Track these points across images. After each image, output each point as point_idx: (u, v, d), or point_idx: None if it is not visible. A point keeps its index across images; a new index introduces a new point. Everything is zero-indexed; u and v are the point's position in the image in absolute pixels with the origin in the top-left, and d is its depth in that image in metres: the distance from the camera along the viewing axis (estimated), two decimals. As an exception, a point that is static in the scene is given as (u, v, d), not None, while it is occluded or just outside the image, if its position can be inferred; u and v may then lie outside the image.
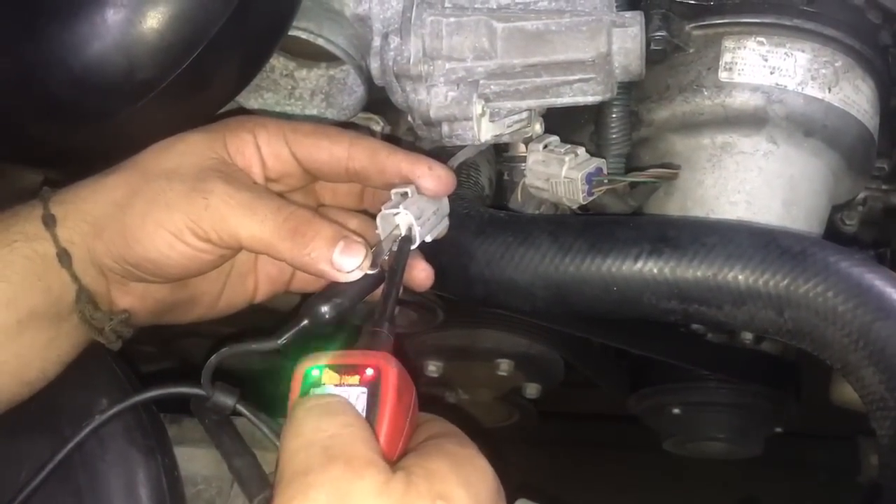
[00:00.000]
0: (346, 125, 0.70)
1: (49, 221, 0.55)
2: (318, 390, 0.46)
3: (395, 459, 0.45)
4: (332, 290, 0.53)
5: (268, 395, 0.55)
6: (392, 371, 0.45)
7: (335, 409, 0.44)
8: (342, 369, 0.46)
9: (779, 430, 1.10)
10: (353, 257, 0.53)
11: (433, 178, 0.56)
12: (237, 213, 0.54)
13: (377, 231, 0.55)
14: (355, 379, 0.45)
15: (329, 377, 0.46)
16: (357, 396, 0.45)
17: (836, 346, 0.54)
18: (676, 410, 1.07)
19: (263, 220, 0.54)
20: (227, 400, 0.54)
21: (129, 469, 0.61)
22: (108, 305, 0.57)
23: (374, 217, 0.56)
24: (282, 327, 0.52)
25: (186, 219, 0.53)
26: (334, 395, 0.45)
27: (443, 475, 0.43)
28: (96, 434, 0.57)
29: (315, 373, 0.46)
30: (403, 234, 0.55)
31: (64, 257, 0.54)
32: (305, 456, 0.43)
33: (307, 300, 0.53)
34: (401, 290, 0.53)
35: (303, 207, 0.56)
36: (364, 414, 0.45)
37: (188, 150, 0.56)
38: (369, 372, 0.45)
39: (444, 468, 0.44)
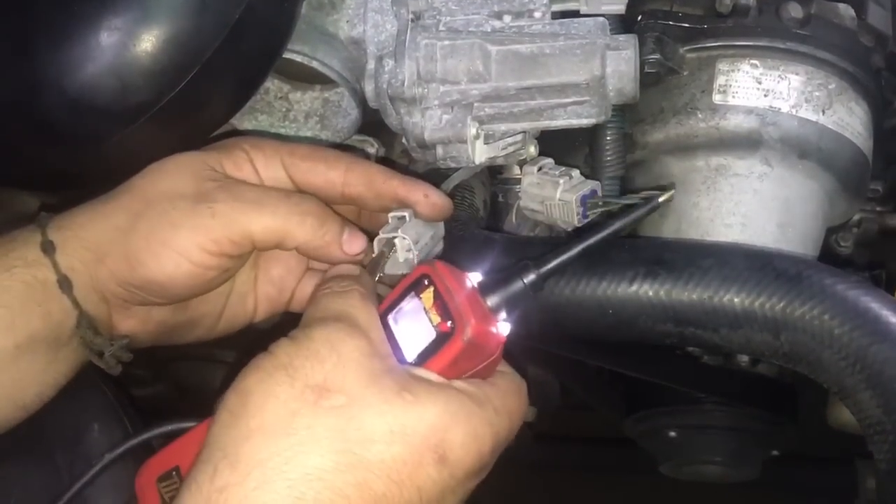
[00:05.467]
0: (341, 147, 0.70)
1: (48, 248, 0.54)
2: (411, 298, 0.48)
3: None
4: None
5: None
6: (461, 342, 0.46)
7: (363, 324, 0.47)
8: (439, 300, 0.47)
9: (776, 453, 1.10)
10: (360, 241, 0.55)
11: (429, 205, 0.57)
12: (245, 211, 0.54)
13: (373, 254, 0.55)
14: (437, 318, 0.47)
15: (427, 297, 0.47)
16: (427, 334, 0.47)
17: (832, 370, 0.54)
18: (672, 433, 1.06)
19: (274, 211, 0.54)
20: None
21: (121, 494, 0.60)
22: (109, 330, 0.57)
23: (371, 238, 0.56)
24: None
25: (194, 235, 0.53)
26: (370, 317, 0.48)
27: (427, 417, 0.45)
28: (87, 459, 0.57)
29: (426, 282, 0.47)
30: (402, 259, 0.55)
31: (65, 284, 0.54)
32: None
33: None
34: (580, 248, 0.52)
35: (307, 194, 0.57)
36: (418, 353, 0.47)
37: (183, 169, 0.56)
38: (449, 324, 0.46)
39: (433, 414, 0.45)
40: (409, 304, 0.48)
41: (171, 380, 1.02)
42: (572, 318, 0.58)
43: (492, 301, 0.49)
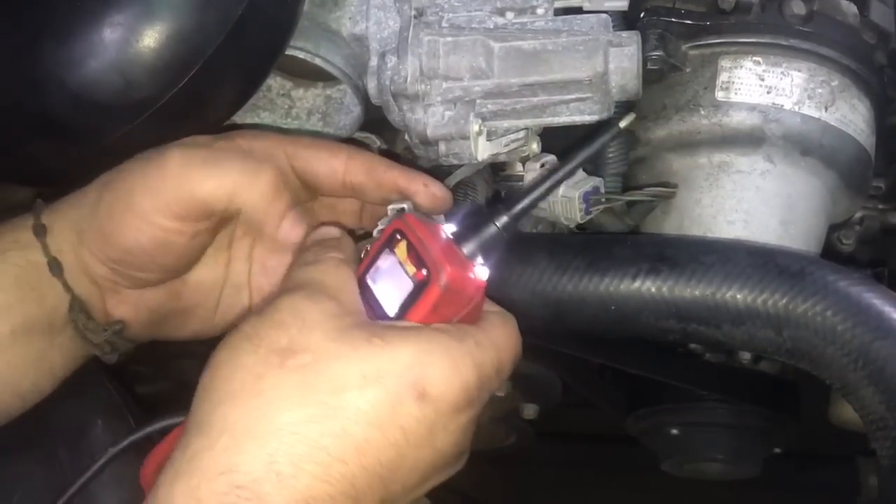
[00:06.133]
0: (344, 143, 0.70)
1: (39, 231, 0.55)
2: (385, 254, 0.48)
3: None
4: None
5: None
6: (438, 288, 0.46)
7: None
8: (413, 251, 0.47)
9: (778, 450, 1.10)
10: (296, 230, 0.55)
11: (428, 196, 0.57)
12: (193, 172, 0.53)
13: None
14: (412, 269, 0.47)
15: (401, 250, 0.47)
16: (403, 286, 0.47)
17: (835, 366, 0.54)
18: (674, 431, 1.06)
19: (224, 171, 0.53)
20: None
21: (124, 489, 0.60)
22: (103, 316, 0.57)
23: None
24: None
25: (148, 198, 0.53)
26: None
27: (412, 356, 0.45)
28: (91, 455, 0.57)
29: (398, 237, 0.48)
30: None
31: (55, 266, 0.54)
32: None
33: None
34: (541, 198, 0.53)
35: (271, 167, 0.55)
36: (398, 306, 0.47)
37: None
38: (424, 272, 0.46)
39: (408, 353, 0.45)
40: (385, 261, 0.48)
41: (173, 377, 1.02)
42: (575, 314, 0.58)
43: (467, 248, 0.49)
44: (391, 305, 0.47)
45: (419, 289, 0.46)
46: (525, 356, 1.06)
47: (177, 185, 0.53)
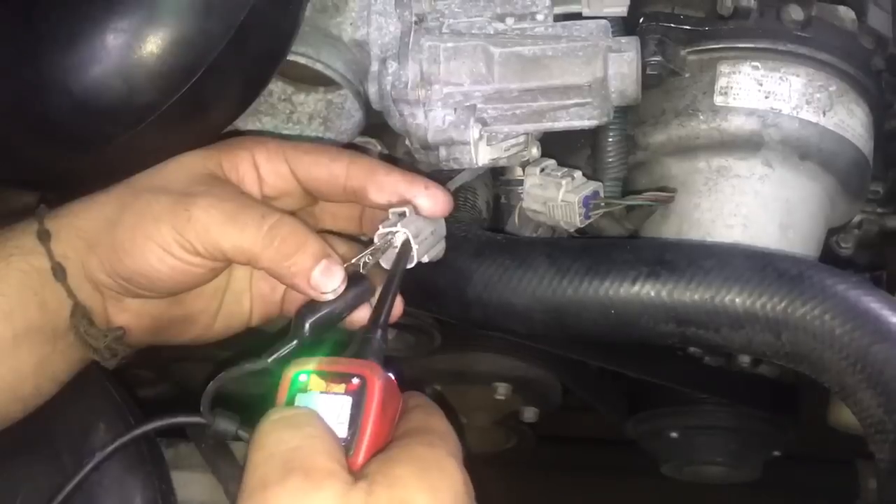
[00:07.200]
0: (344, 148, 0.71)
1: (43, 236, 0.55)
2: (303, 396, 0.46)
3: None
4: (319, 304, 0.53)
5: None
6: (378, 382, 0.45)
7: (300, 420, 0.44)
8: (329, 376, 0.46)
9: (777, 453, 1.10)
10: (331, 279, 0.53)
11: (430, 198, 0.57)
12: (219, 223, 0.53)
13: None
14: (341, 387, 0.46)
15: (316, 383, 0.46)
16: (342, 405, 0.45)
17: (833, 369, 0.54)
18: (674, 434, 1.07)
19: (244, 229, 0.53)
20: (228, 426, 0.54)
21: (127, 494, 0.60)
22: (104, 322, 0.57)
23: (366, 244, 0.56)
24: (272, 346, 0.52)
25: (173, 231, 0.54)
26: (302, 407, 0.45)
27: (405, 482, 0.43)
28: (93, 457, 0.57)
29: (302, 378, 0.46)
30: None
31: (58, 271, 0.55)
32: (265, 469, 0.43)
33: (296, 315, 0.53)
34: (396, 296, 0.53)
35: (290, 216, 0.56)
36: (347, 423, 0.45)
37: (179, 166, 0.57)
38: (355, 381, 0.45)
39: (407, 474, 0.43)
40: (307, 402, 0.46)
41: (175, 380, 1.03)
42: (574, 317, 0.58)
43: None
44: (341, 430, 0.45)
45: (359, 397, 0.45)
46: (525, 360, 1.07)
47: (202, 231, 0.53)
